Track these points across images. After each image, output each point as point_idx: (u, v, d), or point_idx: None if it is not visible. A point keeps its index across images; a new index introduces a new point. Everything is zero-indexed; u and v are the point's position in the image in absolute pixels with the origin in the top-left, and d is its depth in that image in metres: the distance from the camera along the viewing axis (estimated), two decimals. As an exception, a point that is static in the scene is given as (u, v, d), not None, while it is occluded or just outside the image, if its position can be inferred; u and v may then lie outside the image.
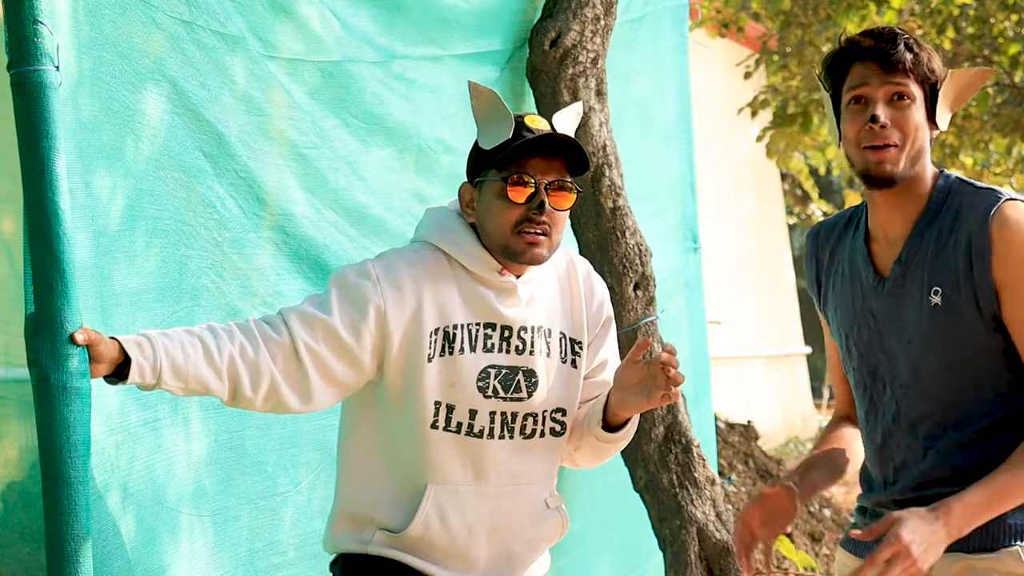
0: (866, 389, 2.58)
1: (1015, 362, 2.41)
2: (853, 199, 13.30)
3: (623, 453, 4.13)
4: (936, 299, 2.42)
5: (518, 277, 2.56)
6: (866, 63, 2.45)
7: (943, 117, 2.48)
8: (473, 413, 2.52)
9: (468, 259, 2.53)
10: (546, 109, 4.11)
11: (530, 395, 2.57)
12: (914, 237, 2.47)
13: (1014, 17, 9.14)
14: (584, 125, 4.10)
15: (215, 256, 3.03)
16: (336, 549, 2.61)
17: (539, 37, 4.11)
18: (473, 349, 2.52)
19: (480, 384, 2.52)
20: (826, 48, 9.78)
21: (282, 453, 3.22)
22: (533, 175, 2.48)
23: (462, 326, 2.51)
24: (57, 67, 2.40)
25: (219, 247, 3.05)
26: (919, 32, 9.60)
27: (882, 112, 2.42)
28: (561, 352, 2.61)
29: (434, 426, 2.51)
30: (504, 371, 2.54)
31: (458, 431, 2.52)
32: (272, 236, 3.20)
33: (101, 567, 2.55)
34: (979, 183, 2.48)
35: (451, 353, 2.50)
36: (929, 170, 2.49)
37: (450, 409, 2.51)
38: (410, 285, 2.49)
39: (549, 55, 4.09)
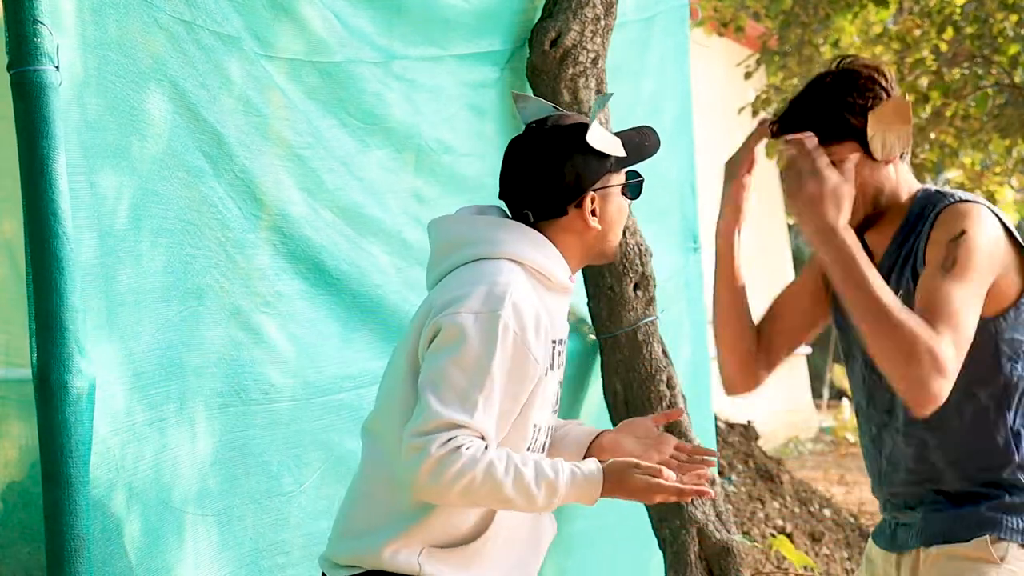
0: (864, 380, 2.65)
1: (981, 354, 2.44)
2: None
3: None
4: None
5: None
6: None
7: (882, 150, 2.49)
8: (541, 430, 2.48)
9: (555, 269, 2.45)
10: (546, 109, 4.11)
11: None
12: (890, 253, 2.56)
13: (1014, 17, 9.13)
14: (584, 125, 4.10)
15: (219, 256, 3.03)
16: (380, 566, 2.40)
17: (539, 37, 4.10)
18: (552, 367, 2.45)
19: (552, 401, 2.49)
20: (824, 48, 9.78)
21: (286, 453, 3.22)
22: None
23: (549, 345, 2.44)
24: (57, 67, 2.40)
25: (223, 247, 3.04)
26: (918, 32, 9.59)
27: None
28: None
29: (528, 448, 2.45)
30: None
31: (533, 450, 2.48)
32: (270, 236, 3.20)
33: (104, 567, 2.55)
34: (950, 190, 2.55)
35: (545, 375, 2.43)
36: (905, 193, 2.56)
37: (536, 430, 2.46)
38: (540, 321, 2.40)
39: (549, 55, 4.09)
